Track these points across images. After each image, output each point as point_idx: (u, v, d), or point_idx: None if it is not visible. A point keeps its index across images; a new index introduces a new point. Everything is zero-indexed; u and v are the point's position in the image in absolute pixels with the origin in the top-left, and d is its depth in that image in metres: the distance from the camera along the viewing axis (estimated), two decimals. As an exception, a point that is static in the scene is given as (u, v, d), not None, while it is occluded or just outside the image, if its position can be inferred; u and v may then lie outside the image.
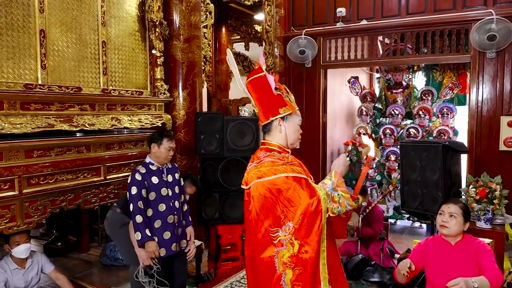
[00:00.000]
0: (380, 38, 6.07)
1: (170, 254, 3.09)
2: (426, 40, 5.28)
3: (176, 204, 3.15)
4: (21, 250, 2.98)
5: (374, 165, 6.34)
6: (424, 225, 5.89)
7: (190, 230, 3.32)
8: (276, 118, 1.99)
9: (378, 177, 6.31)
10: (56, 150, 3.13)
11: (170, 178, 3.16)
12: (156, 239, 2.99)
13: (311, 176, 2.02)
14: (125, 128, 3.80)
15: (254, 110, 8.34)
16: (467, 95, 5.99)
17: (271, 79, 1.99)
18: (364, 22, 5.55)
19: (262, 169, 1.89)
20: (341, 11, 5.69)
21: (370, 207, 4.45)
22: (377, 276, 3.74)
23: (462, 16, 4.90)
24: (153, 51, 4.20)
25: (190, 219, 3.37)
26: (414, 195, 3.73)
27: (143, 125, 3.94)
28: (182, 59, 4.32)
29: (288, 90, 2.08)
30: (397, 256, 4.40)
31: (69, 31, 3.45)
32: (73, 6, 3.47)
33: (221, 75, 7.33)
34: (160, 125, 4.16)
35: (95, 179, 3.44)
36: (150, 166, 3.07)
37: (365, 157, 2.14)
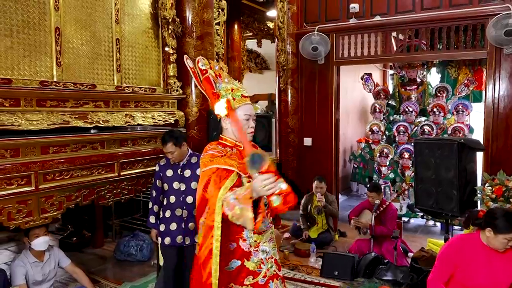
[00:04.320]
0: (394, 34, 6.00)
1: (175, 245, 3.17)
2: (441, 36, 5.20)
3: (188, 199, 3.17)
4: (40, 242, 3.05)
5: (388, 163, 6.29)
6: (438, 224, 5.82)
7: None
8: (220, 117, 2.05)
9: (392, 175, 6.26)
10: (71, 147, 3.17)
11: (187, 173, 3.20)
12: (163, 227, 3.20)
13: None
14: (138, 124, 3.84)
15: (265, 107, 8.33)
16: (483, 91, 5.89)
17: (212, 79, 2.03)
18: (377, 18, 5.49)
19: (202, 160, 2.00)
20: (354, 7, 5.64)
21: (384, 205, 4.41)
22: (390, 274, 3.70)
23: (478, 11, 4.82)
24: (166, 48, 4.22)
25: None
26: (428, 193, 3.68)
27: (156, 122, 3.97)
28: (194, 56, 4.33)
29: (235, 83, 2.09)
30: (410, 254, 4.35)
31: (84, 29, 3.48)
32: (87, 4, 3.51)
33: (233, 72, 7.33)
34: (173, 122, 4.18)
35: (109, 175, 3.48)
36: (170, 160, 3.22)
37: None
